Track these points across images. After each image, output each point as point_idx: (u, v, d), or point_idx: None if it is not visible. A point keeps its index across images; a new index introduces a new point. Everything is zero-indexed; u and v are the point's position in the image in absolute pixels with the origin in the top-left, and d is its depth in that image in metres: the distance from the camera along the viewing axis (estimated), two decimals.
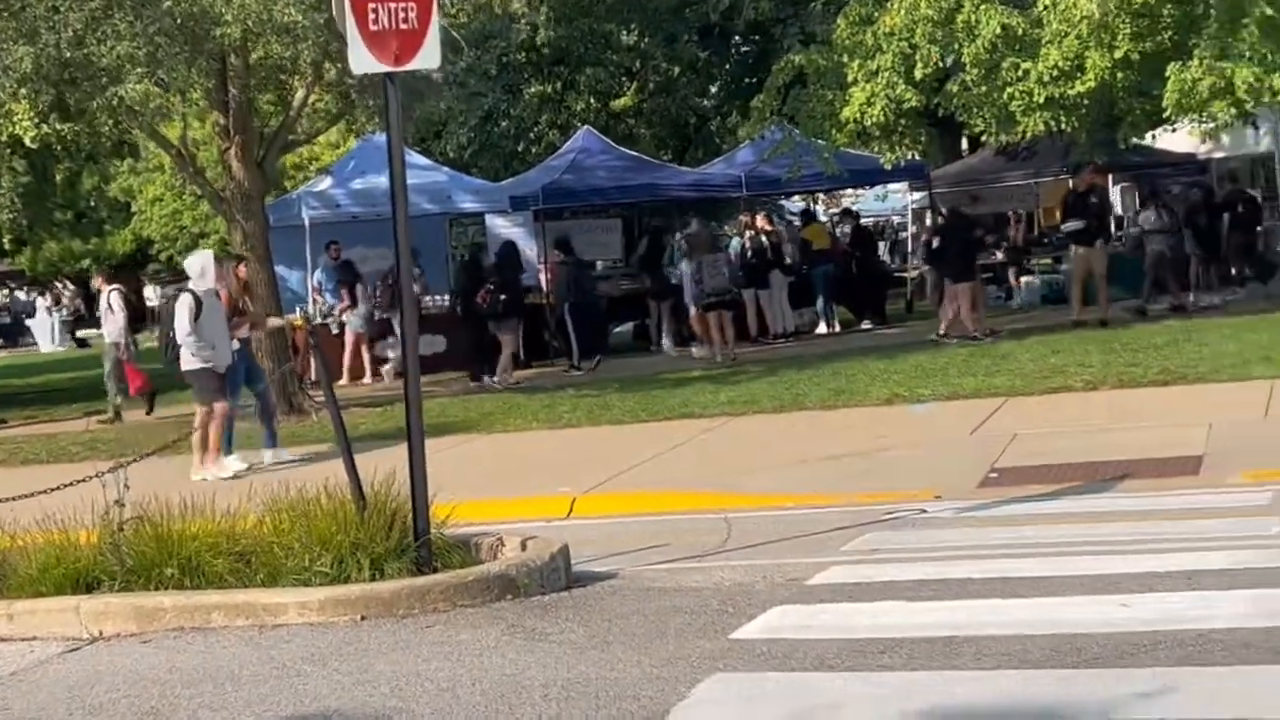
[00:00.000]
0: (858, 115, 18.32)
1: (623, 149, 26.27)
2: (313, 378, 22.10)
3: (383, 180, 23.27)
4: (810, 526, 9.79)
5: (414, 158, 24.61)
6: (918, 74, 17.92)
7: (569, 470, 12.96)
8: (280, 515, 8.61)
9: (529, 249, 23.40)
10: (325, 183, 24.19)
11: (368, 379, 22.18)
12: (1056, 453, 11.66)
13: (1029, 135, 19.01)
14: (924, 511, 10.05)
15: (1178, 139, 30.98)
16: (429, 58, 8.35)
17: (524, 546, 8.46)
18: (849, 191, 50.03)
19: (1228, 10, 16.55)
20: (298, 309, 23.23)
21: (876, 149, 20.02)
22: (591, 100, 37.46)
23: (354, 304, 22.31)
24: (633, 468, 12.78)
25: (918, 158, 23.41)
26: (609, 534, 10.33)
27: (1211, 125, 17.37)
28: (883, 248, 45.06)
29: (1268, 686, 5.43)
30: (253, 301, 16.10)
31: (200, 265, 14.26)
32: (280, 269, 23.37)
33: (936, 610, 6.99)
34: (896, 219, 50.32)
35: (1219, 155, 30.07)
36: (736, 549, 9.26)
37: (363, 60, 8.16)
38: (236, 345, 14.50)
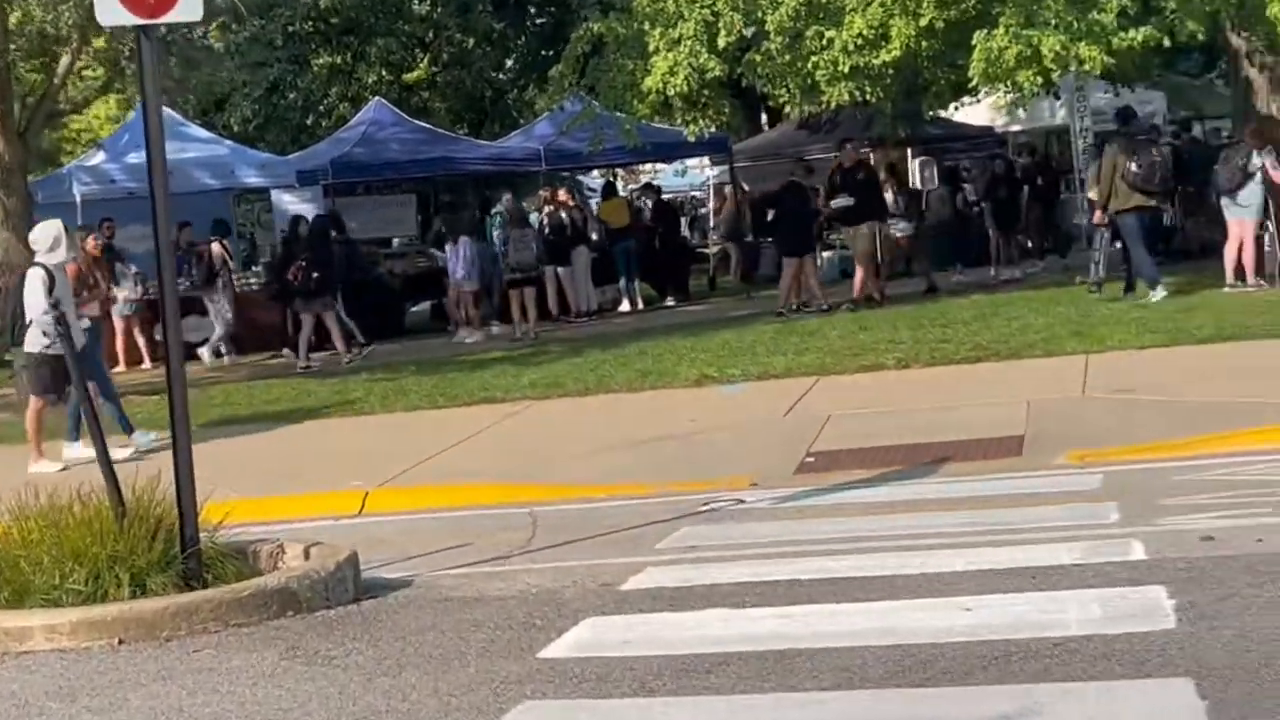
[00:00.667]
0: (660, 85, 17.66)
1: (416, 121, 25.31)
2: None
3: None
4: (622, 520, 9.11)
5: (194, 130, 23.43)
6: (721, 42, 17.32)
7: (363, 461, 12.10)
8: (28, 524, 7.63)
9: None
10: (98, 157, 22.78)
11: (146, 364, 20.91)
12: (874, 435, 11.17)
13: (833, 106, 18.58)
14: (741, 502, 9.44)
15: (976, 112, 31.21)
16: (189, 9, 7.44)
17: (307, 554, 7.63)
18: (649, 167, 49.63)
19: None
20: None
21: (679, 120, 19.38)
22: (384, 72, 36.41)
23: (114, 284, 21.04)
24: (431, 457, 11.97)
25: (720, 130, 22.87)
26: (405, 533, 9.54)
27: (1018, 95, 17.06)
28: (684, 223, 44.72)
29: (1138, 704, 4.89)
30: (102, 277, 14.59)
31: (51, 236, 12.60)
32: None
33: (764, 618, 6.36)
34: (696, 194, 50.00)
35: (1016, 128, 30.32)
36: (544, 548, 8.53)
37: (110, 11, 7.22)
38: (87, 324, 13.17)
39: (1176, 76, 35.16)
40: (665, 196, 49.26)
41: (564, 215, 23.36)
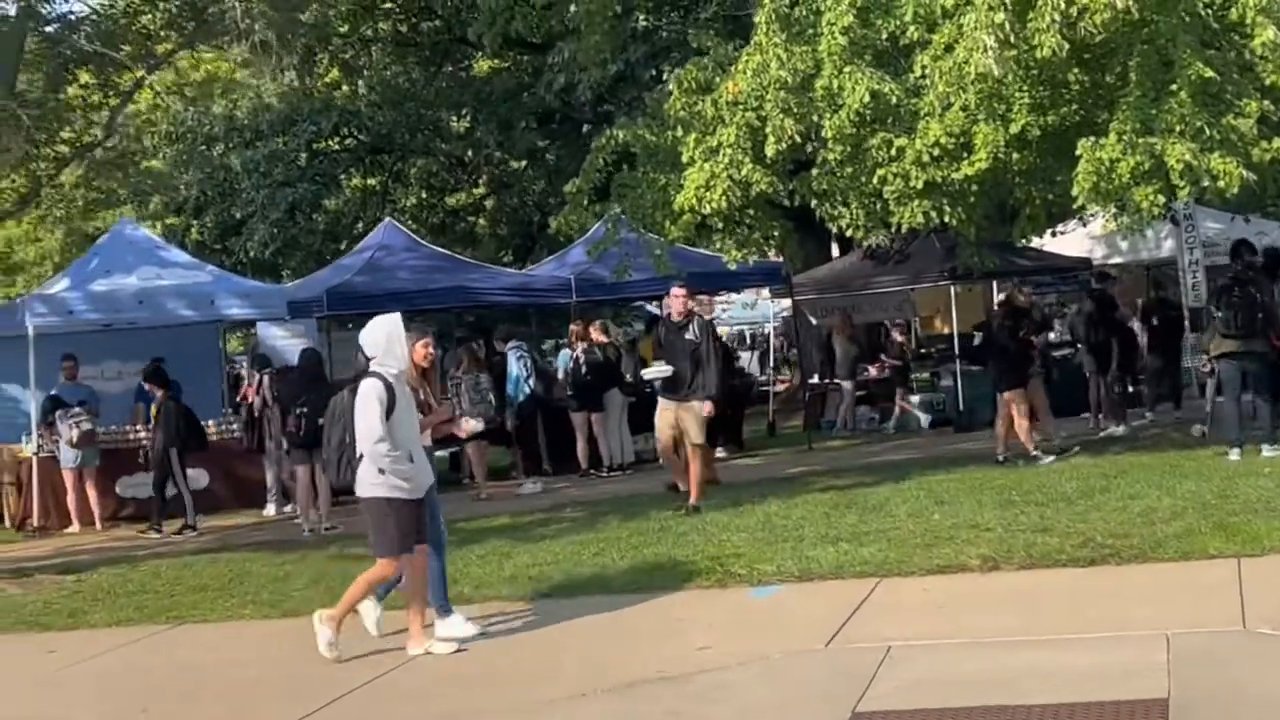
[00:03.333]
0: (693, 203, 14.63)
1: (431, 247, 22.39)
2: (35, 523, 18.12)
3: (132, 281, 19.35)
4: None
5: (173, 254, 20.69)
6: (769, 151, 14.27)
7: (254, 692, 8.99)
8: None
9: None
10: (60, 284, 19.99)
11: (97, 524, 17.98)
12: (948, 684, 7.87)
13: (904, 230, 15.42)
14: None
15: (1067, 242, 28.03)
16: None
17: None
18: (723, 297, 46.39)
19: (1150, 73, 13.09)
20: (23, 438, 19.04)
21: (717, 245, 16.30)
22: (424, 194, 33.89)
23: (52, 431, 18.24)
24: (331, 702, 8.78)
25: (773, 256, 19.64)
26: None
27: (1135, 218, 13.76)
28: (751, 359, 41.66)
29: None
30: (433, 394, 11.09)
31: (385, 337, 9.60)
32: (14, 389, 19.45)
33: None
34: (769, 327, 47.00)
35: (1116, 260, 27.04)
36: None
37: None
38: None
39: None
40: (735, 329, 46.09)
41: (598, 353, 20.36)
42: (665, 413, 15.17)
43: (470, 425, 11.09)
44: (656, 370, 14.43)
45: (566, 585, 11.32)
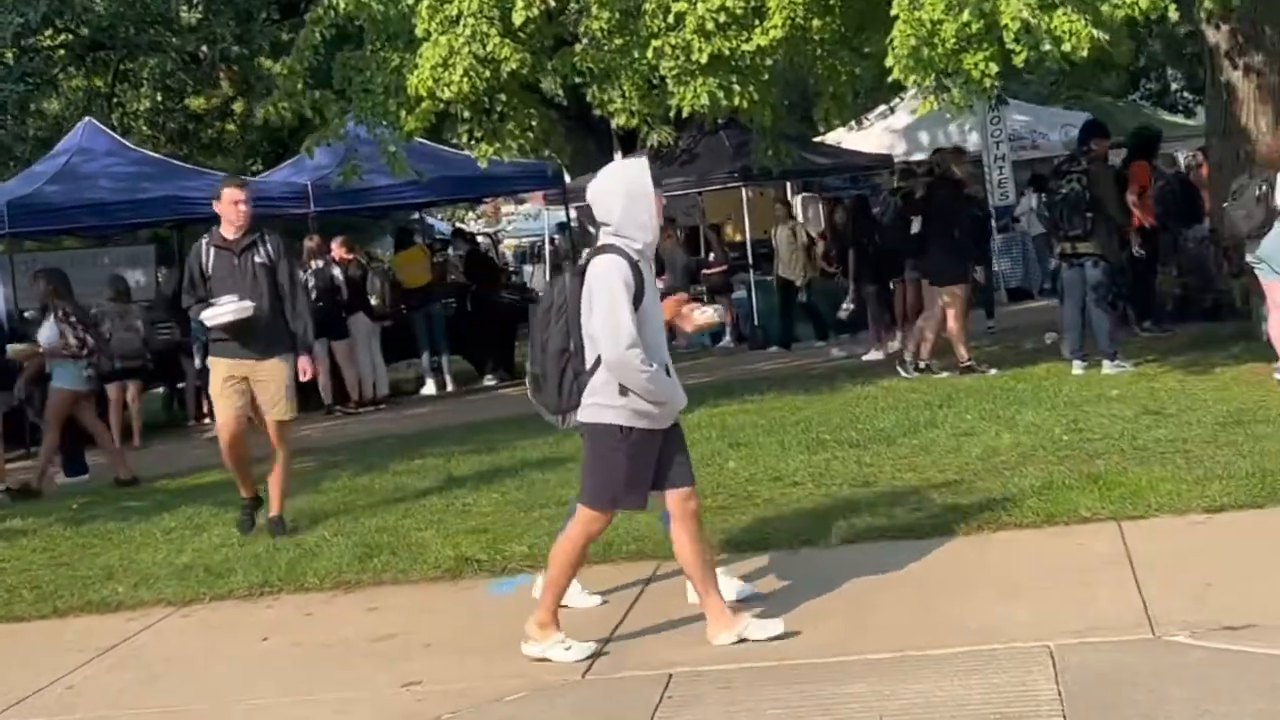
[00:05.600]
0: (430, 85, 11.94)
1: (141, 150, 19.25)
2: None
3: None
4: None
5: None
6: (516, 19, 11.63)
7: None
8: None
9: None
10: None
11: None
12: None
13: (685, 114, 12.86)
14: None
15: (865, 139, 26.11)
16: None
17: None
18: (510, 209, 43.37)
19: None
20: None
21: (465, 138, 13.49)
22: (159, 97, 30.38)
23: None
24: None
25: (550, 155, 16.82)
26: None
27: (964, 90, 11.26)
28: (533, 273, 39.10)
29: None
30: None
31: (625, 193, 6.30)
32: None
33: None
34: (557, 238, 44.33)
35: (919, 157, 25.04)
36: None
37: None
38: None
39: (1098, 97, 30.36)
40: (509, 242, 43.26)
41: (335, 272, 17.58)
42: (231, 384, 9.68)
43: (704, 319, 7.48)
44: (230, 308, 9.57)
45: (247, 583, 8.58)
